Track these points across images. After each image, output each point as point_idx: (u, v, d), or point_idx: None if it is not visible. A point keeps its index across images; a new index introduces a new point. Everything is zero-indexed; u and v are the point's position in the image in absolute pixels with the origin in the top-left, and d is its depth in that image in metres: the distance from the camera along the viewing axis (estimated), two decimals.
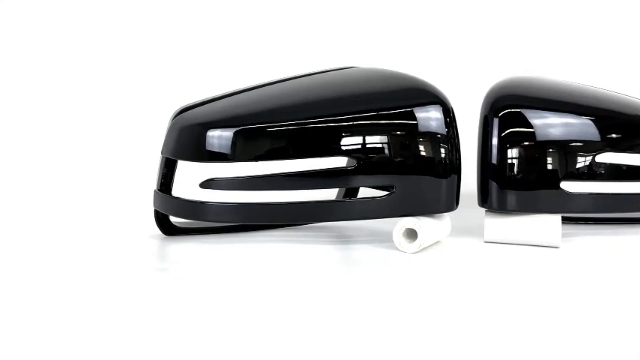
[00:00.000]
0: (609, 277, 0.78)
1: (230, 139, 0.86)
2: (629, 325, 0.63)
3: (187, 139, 0.88)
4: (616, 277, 0.78)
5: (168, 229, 0.93)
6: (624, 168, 0.93)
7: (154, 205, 0.92)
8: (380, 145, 0.87)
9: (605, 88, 1.00)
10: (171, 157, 0.90)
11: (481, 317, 0.66)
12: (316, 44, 1.45)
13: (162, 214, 0.92)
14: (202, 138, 0.86)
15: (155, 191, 0.92)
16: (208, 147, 0.86)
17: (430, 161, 0.88)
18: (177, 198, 0.90)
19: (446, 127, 0.88)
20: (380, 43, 1.44)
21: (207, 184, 0.87)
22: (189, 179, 0.90)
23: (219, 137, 0.86)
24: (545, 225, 0.89)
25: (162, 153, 0.91)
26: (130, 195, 1.17)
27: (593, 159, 0.91)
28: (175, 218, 0.93)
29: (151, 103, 1.41)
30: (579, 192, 0.91)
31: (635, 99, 0.98)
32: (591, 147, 0.91)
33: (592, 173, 0.91)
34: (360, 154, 0.87)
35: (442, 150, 0.88)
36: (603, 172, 0.92)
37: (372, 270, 0.80)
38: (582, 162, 0.91)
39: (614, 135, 0.92)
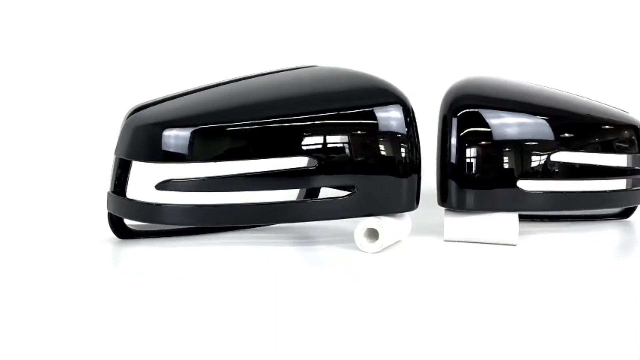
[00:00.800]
0: (564, 274, 0.80)
1: (188, 139, 0.83)
2: (583, 319, 0.65)
3: (142, 139, 0.85)
4: (571, 273, 0.80)
5: (122, 232, 0.90)
6: (577, 167, 0.96)
7: (108, 208, 0.89)
8: (340, 145, 0.87)
9: (559, 88, 1.02)
10: (125, 158, 0.87)
11: (442, 314, 0.66)
12: (275, 42, 1.44)
13: (116, 217, 0.89)
14: (158, 138, 0.84)
15: (108, 193, 0.88)
16: (164, 147, 0.84)
17: (391, 161, 0.88)
18: (131, 200, 0.87)
19: (406, 127, 0.88)
20: (340, 42, 1.44)
21: (163, 186, 0.85)
22: (144, 181, 0.88)
23: (176, 137, 0.84)
24: (503, 223, 0.90)
25: (115, 154, 0.88)
26: (83, 198, 1.13)
27: (548, 158, 0.93)
28: (130, 221, 0.90)
29: (103, 102, 1.36)
30: (534, 191, 0.93)
31: (586, 99, 1.00)
32: (546, 147, 0.93)
33: (547, 172, 0.93)
34: (321, 154, 0.86)
35: (403, 149, 0.88)
36: (557, 170, 0.94)
37: (334, 270, 0.80)
38: (537, 161, 0.93)
39: (567, 135, 0.95)
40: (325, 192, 0.94)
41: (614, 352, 0.58)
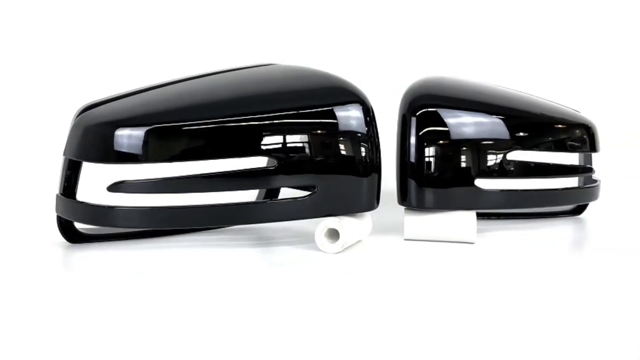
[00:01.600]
0: (521, 271, 0.81)
1: (142, 139, 0.81)
2: (540, 315, 0.66)
3: (93, 138, 0.82)
4: (527, 270, 0.81)
5: (72, 236, 0.87)
6: (532, 165, 0.97)
7: (57, 211, 0.85)
8: (300, 145, 0.85)
9: (514, 88, 1.04)
10: (75, 159, 0.83)
11: (404, 313, 0.66)
12: (233, 39, 1.41)
13: (65, 220, 0.86)
14: (110, 137, 0.81)
15: (57, 195, 0.85)
16: (116, 148, 0.81)
17: (351, 160, 0.87)
18: (82, 203, 0.83)
19: (366, 126, 0.88)
20: (299, 40, 1.43)
21: (115, 187, 0.82)
22: (95, 182, 0.85)
23: (129, 137, 0.81)
24: (461, 222, 0.91)
25: (64, 154, 0.84)
26: (30, 201, 1.09)
27: (504, 157, 0.94)
28: (81, 224, 0.87)
29: (52, 100, 1.30)
30: (491, 189, 0.94)
31: (540, 99, 1.02)
32: (501, 145, 0.94)
33: (503, 170, 0.94)
34: (281, 154, 0.84)
35: (363, 149, 0.88)
36: (512, 169, 0.95)
37: (294, 272, 0.79)
38: (493, 160, 0.94)
39: (521, 134, 0.96)
40: (285, 193, 0.92)
41: (570, 340, 0.59)
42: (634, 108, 1.63)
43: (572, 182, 1.06)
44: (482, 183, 0.93)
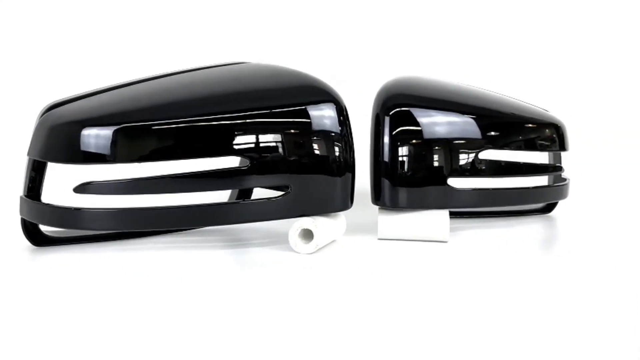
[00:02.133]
0: (494, 268, 0.81)
1: (110, 138, 0.78)
2: (512, 312, 0.66)
3: (59, 138, 0.80)
4: (500, 268, 0.82)
5: (38, 239, 0.84)
6: (503, 164, 0.98)
7: (21, 213, 0.83)
8: (273, 144, 0.84)
9: (485, 88, 1.04)
10: (39, 159, 0.81)
11: (378, 312, 0.66)
12: (204, 37, 1.39)
13: (30, 222, 0.83)
14: (77, 137, 0.78)
15: (21, 197, 0.82)
16: (83, 148, 0.78)
17: (325, 160, 0.86)
18: (47, 204, 0.81)
19: (340, 126, 0.87)
20: (272, 39, 1.42)
21: (82, 189, 0.80)
22: (61, 183, 0.82)
23: (97, 136, 0.78)
24: (434, 221, 0.91)
25: (28, 155, 0.82)
26: None
27: (476, 156, 0.95)
28: (47, 227, 0.84)
29: (15, 99, 1.26)
30: (463, 188, 0.95)
31: (511, 98, 1.03)
32: (473, 145, 0.95)
33: (475, 169, 0.95)
34: (254, 153, 0.83)
35: (337, 148, 0.87)
36: (484, 168, 0.96)
37: (268, 273, 0.78)
38: (465, 159, 0.94)
39: (493, 133, 0.97)
40: (258, 193, 0.91)
41: (542, 336, 0.59)
42: (603, 107, 1.66)
43: (542, 180, 1.07)
44: (454, 182, 0.94)
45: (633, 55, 1.69)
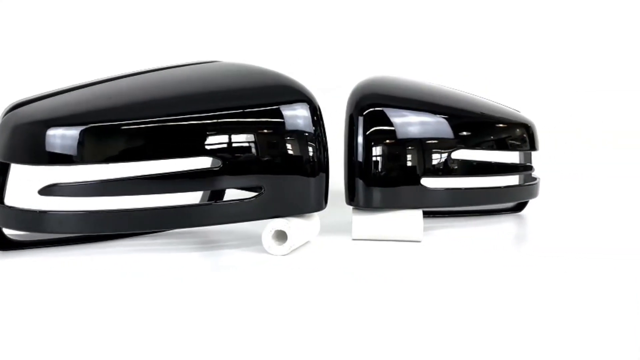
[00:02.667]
0: (467, 267, 0.82)
1: (76, 139, 0.76)
2: (485, 310, 0.67)
3: (22, 139, 0.77)
4: (473, 266, 0.82)
5: (2, 243, 0.82)
6: (475, 164, 0.99)
7: None
8: (246, 144, 0.83)
9: (457, 88, 1.05)
10: (3, 161, 0.79)
11: (353, 313, 0.66)
12: (173, 36, 1.36)
13: None
14: (41, 138, 0.76)
15: None
16: (48, 148, 0.76)
17: (298, 160, 0.86)
18: (11, 207, 0.78)
19: (313, 125, 0.87)
20: (244, 38, 1.40)
21: (48, 191, 0.78)
22: (25, 185, 0.80)
23: (62, 137, 0.76)
24: (408, 220, 0.91)
25: None
26: None
27: (448, 156, 0.95)
28: (10, 230, 0.81)
29: None
30: (436, 188, 0.95)
31: (482, 99, 1.04)
32: (446, 144, 0.95)
33: (448, 169, 0.95)
34: (226, 154, 0.82)
35: (310, 148, 0.86)
36: (456, 167, 0.96)
37: (242, 276, 0.76)
38: (438, 158, 0.95)
39: (465, 133, 0.97)
40: (231, 194, 0.90)
41: (515, 334, 0.59)
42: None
43: (513, 180, 1.08)
44: (427, 182, 0.94)
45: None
